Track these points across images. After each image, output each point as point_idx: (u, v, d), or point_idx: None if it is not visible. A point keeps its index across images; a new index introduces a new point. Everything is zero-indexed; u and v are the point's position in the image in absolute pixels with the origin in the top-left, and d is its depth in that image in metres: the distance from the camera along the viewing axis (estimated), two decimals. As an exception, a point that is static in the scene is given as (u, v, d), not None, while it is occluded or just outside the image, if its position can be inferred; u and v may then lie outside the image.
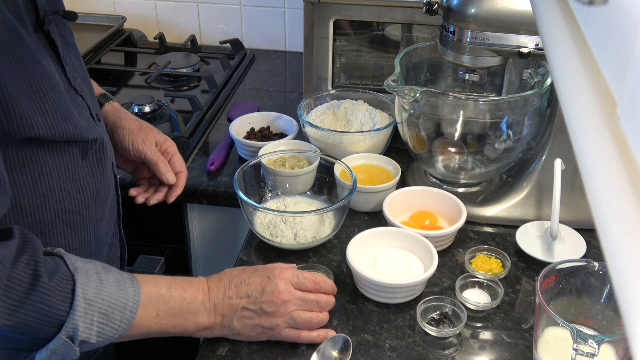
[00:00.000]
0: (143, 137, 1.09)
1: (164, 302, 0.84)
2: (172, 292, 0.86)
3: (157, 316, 0.84)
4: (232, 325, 0.90)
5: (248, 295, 0.90)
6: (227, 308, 0.89)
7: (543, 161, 1.21)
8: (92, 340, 0.76)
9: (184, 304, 0.86)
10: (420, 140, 1.24)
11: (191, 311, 0.87)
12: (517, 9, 1.09)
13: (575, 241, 1.14)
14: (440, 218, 1.20)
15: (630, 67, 0.34)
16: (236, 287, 0.91)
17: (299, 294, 0.93)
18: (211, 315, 0.89)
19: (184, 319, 0.86)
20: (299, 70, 1.86)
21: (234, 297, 0.90)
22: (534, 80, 1.21)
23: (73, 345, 0.75)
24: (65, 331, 0.74)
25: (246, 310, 0.90)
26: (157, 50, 1.91)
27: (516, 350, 0.97)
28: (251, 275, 0.92)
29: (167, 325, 0.85)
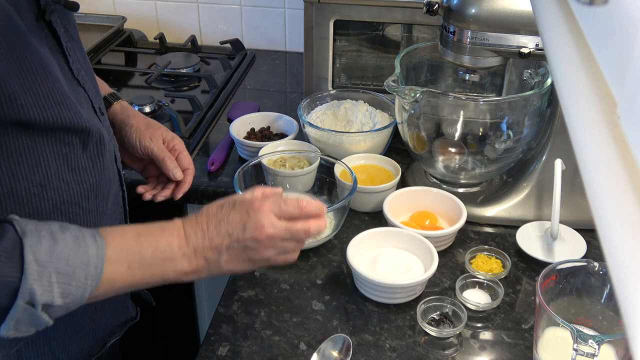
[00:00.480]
0: (150, 134, 1.09)
1: (133, 252, 0.79)
2: (142, 242, 0.80)
3: (129, 268, 0.78)
4: (220, 265, 0.84)
5: (229, 235, 0.83)
6: (209, 250, 0.82)
7: (543, 161, 1.21)
8: (57, 301, 0.72)
9: (156, 252, 0.80)
10: (420, 140, 1.24)
11: (167, 259, 0.81)
12: (517, 9, 1.09)
13: (575, 241, 1.14)
14: (440, 218, 1.20)
15: (630, 67, 0.34)
16: (215, 227, 0.83)
17: (283, 224, 0.84)
18: (192, 260, 0.82)
19: (159, 267, 0.81)
20: (299, 70, 1.86)
21: (214, 238, 0.82)
22: (534, 80, 1.21)
23: (35, 310, 0.71)
24: (21, 297, 0.70)
25: (231, 249, 0.83)
26: (157, 50, 1.91)
27: (516, 350, 0.97)
28: (229, 211, 0.84)
29: (143, 276, 0.80)
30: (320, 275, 1.11)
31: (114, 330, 1.04)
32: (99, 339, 1.01)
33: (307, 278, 1.10)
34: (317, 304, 1.05)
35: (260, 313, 1.03)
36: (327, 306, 1.04)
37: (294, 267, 1.13)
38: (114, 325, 1.04)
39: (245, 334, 0.99)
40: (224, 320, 1.02)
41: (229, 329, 1.00)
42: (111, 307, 1.02)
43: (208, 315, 1.58)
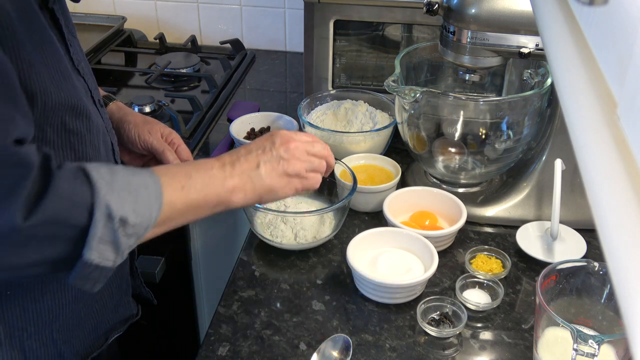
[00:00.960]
0: (148, 129, 1.10)
1: (181, 175, 0.82)
2: (185, 166, 0.84)
3: (183, 189, 0.81)
4: (262, 179, 0.88)
5: (262, 150, 0.90)
6: (246, 165, 0.88)
7: (543, 161, 1.21)
8: (131, 217, 0.73)
9: (200, 171, 0.84)
10: (420, 140, 1.24)
11: (213, 176, 0.85)
12: (517, 9, 1.09)
13: (575, 241, 1.14)
14: (440, 218, 1.20)
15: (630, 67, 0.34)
16: (245, 149, 0.90)
17: (305, 137, 0.94)
18: (234, 176, 0.86)
19: (209, 185, 0.84)
20: (299, 70, 1.86)
21: (248, 156, 0.89)
22: (534, 80, 1.21)
23: (113, 224, 0.72)
24: (99, 209, 0.70)
25: (266, 163, 0.89)
26: (157, 50, 1.91)
27: (516, 350, 0.97)
28: (254, 141, 0.93)
29: (198, 196, 0.82)
30: (320, 275, 1.11)
31: (115, 327, 1.04)
32: (100, 335, 1.01)
33: (307, 278, 1.10)
34: (317, 304, 1.05)
35: (260, 313, 1.03)
36: (327, 306, 1.05)
37: (294, 267, 1.13)
38: (115, 321, 1.04)
39: (245, 334, 0.99)
40: (224, 320, 1.02)
41: (229, 329, 1.00)
42: (113, 301, 1.02)
43: (208, 315, 1.58)
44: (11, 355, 0.88)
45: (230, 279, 1.11)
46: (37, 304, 0.88)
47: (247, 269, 1.13)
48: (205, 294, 1.58)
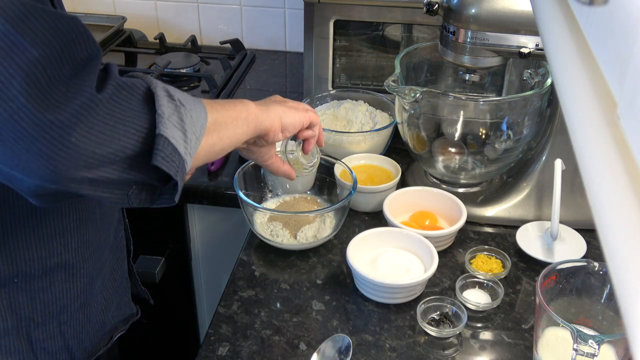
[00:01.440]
0: None
1: (212, 101, 0.84)
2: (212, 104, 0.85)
3: (222, 107, 0.84)
4: (267, 105, 0.94)
5: (274, 101, 0.98)
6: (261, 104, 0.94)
7: (543, 161, 1.21)
8: (188, 104, 0.75)
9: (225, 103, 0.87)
10: (420, 140, 1.24)
11: (237, 102, 0.89)
12: (517, 9, 1.09)
13: (575, 241, 1.14)
14: (440, 218, 1.20)
15: (630, 67, 0.34)
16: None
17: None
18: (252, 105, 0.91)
19: (237, 108, 0.87)
20: (299, 70, 1.86)
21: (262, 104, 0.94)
22: (534, 80, 1.21)
23: (174, 101, 0.72)
24: (158, 87, 0.72)
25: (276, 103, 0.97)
26: (157, 50, 1.91)
27: (516, 350, 0.97)
28: None
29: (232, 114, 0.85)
30: (320, 275, 1.11)
31: (118, 326, 1.05)
32: (106, 332, 1.02)
33: (307, 278, 1.10)
34: (317, 304, 1.05)
35: (260, 313, 1.03)
36: (327, 306, 1.05)
37: (294, 267, 1.13)
38: (119, 319, 1.05)
39: (245, 334, 0.99)
40: (224, 320, 1.02)
41: (229, 329, 1.00)
42: (116, 299, 1.03)
43: (208, 315, 1.59)
44: (18, 345, 0.88)
45: (230, 279, 1.11)
46: (45, 293, 0.88)
47: (247, 269, 1.13)
48: (205, 294, 1.58)
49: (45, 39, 0.65)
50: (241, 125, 0.86)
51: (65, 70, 0.65)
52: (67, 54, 0.66)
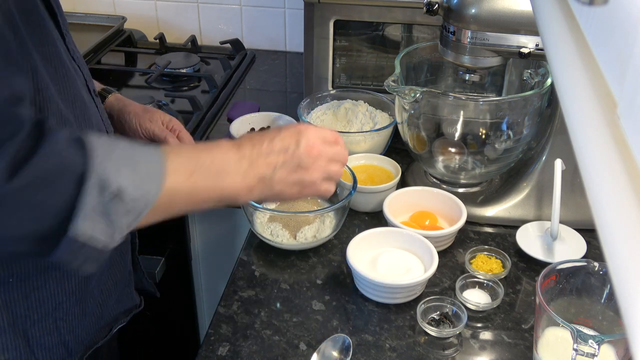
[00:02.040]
0: (149, 117, 1.11)
1: (192, 159, 0.77)
2: (199, 151, 0.79)
3: (191, 175, 0.75)
4: (272, 185, 0.84)
5: (285, 150, 0.84)
6: (264, 165, 0.83)
7: (543, 161, 1.21)
8: (129, 190, 0.67)
9: (214, 161, 0.79)
10: (420, 140, 1.24)
11: (223, 170, 0.79)
12: (517, 9, 1.09)
13: (575, 241, 1.14)
14: (440, 218, 1.20)
15: (630, 67, 0.34)
16: (269, 143, 0.84)
17: (327, 145, 0.89)
18: (247, 175, 0.81)
19: (217, 179, 0.79)
20: (299, 70, 1.86)
21: (270, 154, 0.83)
22: (534, 80, 1.21)
23: (106, 194, 0.66)
24: (92, 177, 0.65)
25: (285, 165, 0.84)
26: (157, 50, 1.91)
27: (516, 350, 0.97)
28: (279, 131, 0.87)
29: (205, 186, 0.77)
30: (320, 275, 1.11)
31: (119, 318, 1.05)
32: (104, 325, 1.01)
33: (307, 278, 1.10)
34: (317, 304, 1.05)
35: (260, 313, 1.03)
36: (327, 306, 1.05)
37: (294, 267, 1.13)
38: (119, 311, 1.04)
39: (245, 334, 0.99)
40: (224, 320, 1.02)
41: (229, 329, 1.00)
42: (116, 292, 1.03)
43: (208, 315, 1.59)
44: (14, 342, 0.88)
45: (230, 279, 1.11)
46: (39, 291, 0.88)
47: (247, 269, 1.13)
48: (205, 294, 1.58)
49: None
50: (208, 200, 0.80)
51: None
52: None
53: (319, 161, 0.87)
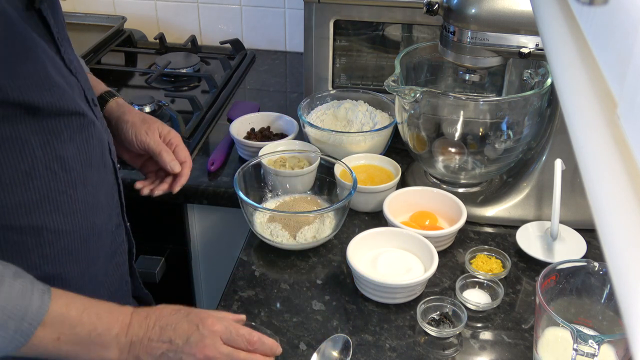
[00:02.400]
0: (146, 129, 1.08)
1: (69, 326, 0.78)
2: (83, 317, 0.79)
3: (58, 339, 0.77)
4: None
5: (170, 341, 0.82)
6: (144, 350, 0.82)
7: (543, 161, 1.21)
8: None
9: (92, 333, 0.79)
10: (420, 140, 1.24)
11: (99, 343, 0.80)
12: (517, 9, 1.09)
13: (575, 241, 1.14)
14: (440, 218, 1.20)
15: (630, 67, 0.34)
16: (160, 328, 0.83)
17: (227, 349, 0.83)
18: (123, 353, 0.81)
19: (88, 349, 0.80)
20: (299, 70, 1.86)
21: (154, 340, 0.82)
22: (534, 80, 1.21)
23: None
24: None
25: (165, 356, 0.82)
26: (157, 50, 1.91)
27: (516, 350, 0.97)
28: (181, 319, 0.84)
29: (68, 351, 0.79)
30: (320, 275, 1.11)
31: None
32: None
33: (307, 278, 1.10)
34: (317, 304, 1.05)
35: (260, 313, 1.03)
36: (327, 306, 1.05)
37: (294, 267, 1.13)
38: None
39: (245, 334, 0.99)
40: (224, 320, 1.02)
41: (229, 329, 1.00)
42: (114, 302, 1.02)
43: (208, 315, 1.58)
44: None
45: (230, 279, 1.11)
46: None
47: (247, 269, 1.13)
48: (205, 294, 1.58)
49: None
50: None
51: None
52: None
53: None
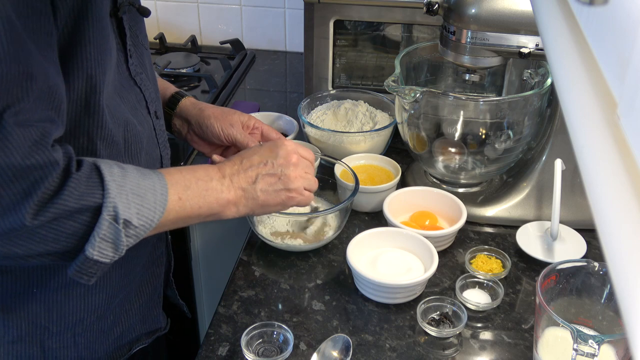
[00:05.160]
0: (230, 121, 1.09)
1: (180, 184, 0.83)
2: (184, 174, 0.85)
3: (180, 199, 0.82)
4: (256, 195, 0.89)
5: (264, 163, 0.90)
6: (244, 180, 0.89)
7: (543, 161, 1.21)
8: (134, 221, 0.76)
9: (199, 182, 0.85)
10: (420, 140, 1.24)
11: (209, 189, 0.85)
12: (517, 9, 1.09)
13: (575, 241, 1.14)
14: (440, 218, 1.20)
15: (630, 67, 0.34)
16: (246, 159, 0.90)
17: (303, 153, 0.95)
18: (230, 190, 0.87)
19: (204, 197, 0.85)
20: (299, 70, 1.86)
21: (248, 169, 0.89)
22: (534, 80, 1.21)
23: (117, 225, 0.74)
24: (106, 211, 0.73)
25: (268, 176, 0.90)
26: (157, 50, 1.91)
27: (516, 350, 0.97)
28: (257, 149, 0.93)
29: (192, 207, 0.84)
30: (320, 275, 1.11)
31: (141, 338, 1.04)
32: (124, 344, 1.01)
33: (307, 278, 1.10)
34: (317, 304, 1.05)
35: (260, 313, 1.03)
36: (327, 306, 1.05)
37: (294, 267, 1.13)
38: (142, 332, 1.04)
39: (245, 334, 0.99)
40: (224, 320, 1.02)
41: (229, 329, 1.00)
42: (142, 312, 1.03)
43: (208, 315, 1.58)
44: (30, 351, 0.89)
45: (230, 279, 1.11)
46: (61, 305, 0.88)
47: (247, 269, 1.13)
48: (205, 294, 1.58)
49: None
50: (196, 217, 0.86)
51: (13, 188, 0.68)
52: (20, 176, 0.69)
53: (298, 170, 0.92)
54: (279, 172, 0.90)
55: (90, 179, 0.74)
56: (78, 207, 0.72)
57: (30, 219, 0.69)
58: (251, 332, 0.96)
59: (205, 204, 0.85)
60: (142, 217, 0.77)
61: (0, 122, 0.66)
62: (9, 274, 0.84)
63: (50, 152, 0.71)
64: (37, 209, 0.69)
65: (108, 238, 0.74)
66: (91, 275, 0.77)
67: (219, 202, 0.86)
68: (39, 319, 0.88)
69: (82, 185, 0.73)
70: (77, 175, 0.73)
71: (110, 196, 0.74)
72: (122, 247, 0.76)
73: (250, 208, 0.90)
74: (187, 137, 1.11)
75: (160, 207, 0.79)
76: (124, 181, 0.76)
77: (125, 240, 0.76)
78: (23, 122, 0.68)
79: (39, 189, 0.69)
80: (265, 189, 0.90)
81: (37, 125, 0.70)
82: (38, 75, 0.69)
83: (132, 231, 0.76)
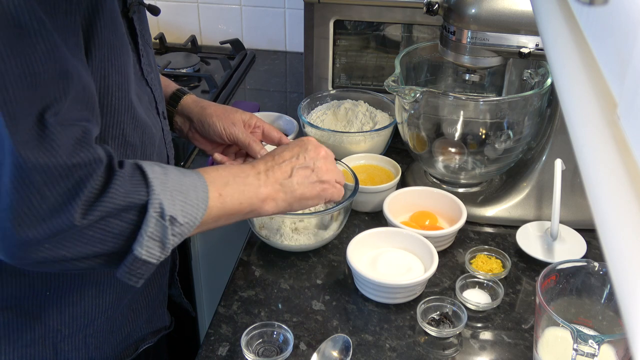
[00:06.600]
0: (232, 120, 1.10)
1: (219, 182, 0.83)
2: (220, 172, 0.85)
3: (220, 195, 0.82)
4: (293, 188, 0.90)
5: (296, 157, 0.92)
6: (280, 174, 0.89)
7: (543, 161, 1.21)
8: (179, 218, 0.76)
9: (237, 179, 0.85)
10: (420, 140, 1.24)
11: (247, 184, 0.86)
12: (517, 9, 1.09)
13: (575, 241, 1.14)
14: (440, 218, 1.20)
15: (630, 67, 0.34)
16: (278, 156, 0.92)
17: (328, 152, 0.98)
18: (267, 185, 0.88)
19: (243, 193, 0.85)
20: (299, 70, 1.86)
21: (282, 163, 0.90)
22: (534, 80, 1.21)
23: (164, 222, 0.74)
24: (153, 208, 0.73)
25: (302, 169, 0.91)
26: (157, 50, 1.91)
27: (516, 350, 0.97)
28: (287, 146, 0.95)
29: (233, 203, 0.84)
30: (320, 275, 1.11)
31: (146, 337, 1.05)
32: (131, 343, 1.02)
33: (307, 278, 1.10)
34: (317, 304, 1.05)
35: (260, 313, 1.03)
36: (327, 306, 1.05)
37: (294, 267, 1.13)
38: (148, 331, 1.05)
39: (245, 334, 0.99)
40: (224, 320, 1.02)
41: (229, 329, 1.00)
42: (148, 312, 1.03)
43: (208, 315, 1.58)
44: (43, 354, 0.90)
45: (230, 279, 1.11)
46: (74, 308, 0.89)
47: (247, 269, 1.13)
48: (205, 294, 1.58)
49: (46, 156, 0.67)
50: (236, 214, 0.87)
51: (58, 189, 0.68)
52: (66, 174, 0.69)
53: (329, 163, 0.93)
54: (311, 165, 0.92)
55: (133, 177, 0.74)
56: (125, 205, 0.72)
57: (79, 218, 0.69)
58: (251, 332, 0.96)
59: (245, 199, 0.85)
60: (186, 214, 0.77)
61: (43, 122, 0.66)
62: (25, 277, 0.84)
63: (95, 149, 0.71)
64: (85, 207, 0.69)
65: (155, 236, 0.74)
66: (139, 277, 0.76)
67: (258, 197, 0.87)
68: (52, 321, 0.88)
69: (127, 183, 0.73)
70: (121, 173, 0.73)
71: (155, 193, 0.74)
72: (168, 245, 0.76)
73: (289, 202, 0.90)
74: (188, 134, 1.11)
75: (202, 204, 0.79)
76: (166, 179, 0.76)
77: (172, 239, 0.76)
78: (64, 121, 0.68)
79: (85, 187, 0.69)
80: (301, 181, 0.90)
81: (77, 124, 0.69)
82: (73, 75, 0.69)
83: (178, 229, 0.76)
